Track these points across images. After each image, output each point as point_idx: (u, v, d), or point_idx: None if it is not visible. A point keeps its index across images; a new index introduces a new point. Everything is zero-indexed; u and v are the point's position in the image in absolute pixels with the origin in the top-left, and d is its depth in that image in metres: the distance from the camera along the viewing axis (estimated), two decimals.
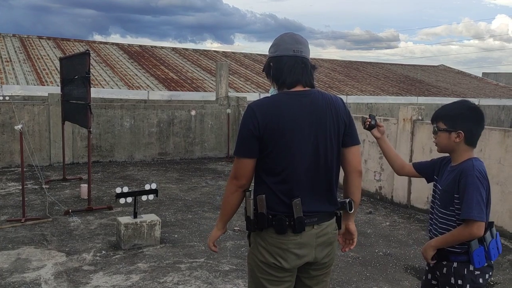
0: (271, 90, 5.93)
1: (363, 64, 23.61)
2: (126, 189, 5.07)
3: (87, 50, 6.65)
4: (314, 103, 2.17)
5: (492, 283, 4.25)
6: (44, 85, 12.31)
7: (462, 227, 2.24)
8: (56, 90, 10.25)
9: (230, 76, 14.58)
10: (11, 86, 11.67)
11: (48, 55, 15.34)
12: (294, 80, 2.19)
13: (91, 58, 7.04)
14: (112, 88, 13.02)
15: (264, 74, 2.35)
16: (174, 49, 19.56)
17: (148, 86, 13.81)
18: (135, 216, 5.01)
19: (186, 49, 20.00)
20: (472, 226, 2.19)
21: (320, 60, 22.20)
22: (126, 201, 5.08)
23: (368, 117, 2.67)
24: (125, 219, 5.00)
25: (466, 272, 2.28)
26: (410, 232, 5.78)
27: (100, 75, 14.06)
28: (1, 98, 9.92)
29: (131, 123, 10.35)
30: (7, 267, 4.36)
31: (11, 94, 10.79)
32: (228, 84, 12.07)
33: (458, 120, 2.31)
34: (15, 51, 15.09)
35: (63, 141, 8.46)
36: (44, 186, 7.32)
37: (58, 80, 10.79)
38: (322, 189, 2.21)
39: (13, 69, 13.25)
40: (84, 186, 6.92)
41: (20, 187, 6.11)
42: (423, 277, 2.55)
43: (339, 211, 2.30)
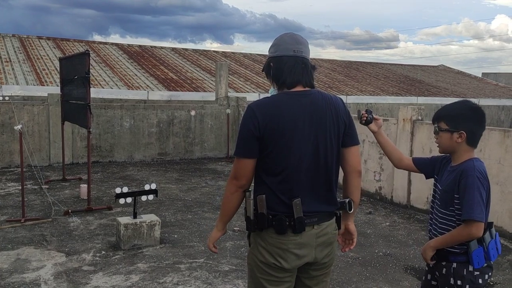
0: (271, 90, 5.93)
1: (363, 64, 23.62)
2: (125, 189, 5.07)
3: (87, 50, 6.66)
4: (314, 103, 2.17)
5: (491, 284, 4.25)
6: (44, 85, 12.31)
7: (461, 227, 2.24)
8: (56, 90, 10.25)
9: (230, 76, 14.58)
10: (11, 86, 11.67)
11: (47, 55, 15.34)
12: (294, 80, 2.18)
13: (90, 58, 7.04)
14: (111, 88, 13.02)
15: (264, 74, 2.35)
16: (173, 49, 19.56)
17: (148, 86, 13.81)
18: (135, 217, 5.01)
19: (186, 49, 20.00)
20: (472, 226, 2.19)
21: (320, 60, 22.21)
22: (126, 201, 5.08)
23: (364, 111, 2.65)
24: (124, 220, 5.00)
25: (465, 273, 2.28)
26: (410, 232, 5.78)
27: (100, 75, 14.05)
28: (0, 98, 9.93)
29: (131, 123, 10.34)
30: (7, 267, 4.35)
31: (10, 94, 10.79)
32: (227, 84, 12.07)
33: (460, 120, 2.31)
34: (15, 51, 15.08)
35: (63, 141, 8.46)
36: (43, 187, 7.32)
37: (58, 80, 10.80)
38: (322, 189, 2.21)
39: (12, 69, 13.25)
40: (83, 186, 6.92)
41: (20, 187, 6.11)
42: (423, 277, 2.55)
43: (339, 211, 2.30)
